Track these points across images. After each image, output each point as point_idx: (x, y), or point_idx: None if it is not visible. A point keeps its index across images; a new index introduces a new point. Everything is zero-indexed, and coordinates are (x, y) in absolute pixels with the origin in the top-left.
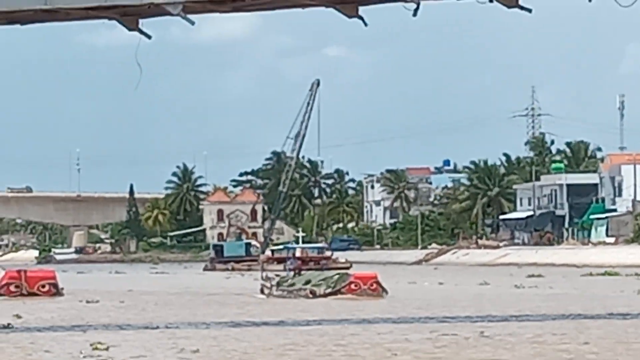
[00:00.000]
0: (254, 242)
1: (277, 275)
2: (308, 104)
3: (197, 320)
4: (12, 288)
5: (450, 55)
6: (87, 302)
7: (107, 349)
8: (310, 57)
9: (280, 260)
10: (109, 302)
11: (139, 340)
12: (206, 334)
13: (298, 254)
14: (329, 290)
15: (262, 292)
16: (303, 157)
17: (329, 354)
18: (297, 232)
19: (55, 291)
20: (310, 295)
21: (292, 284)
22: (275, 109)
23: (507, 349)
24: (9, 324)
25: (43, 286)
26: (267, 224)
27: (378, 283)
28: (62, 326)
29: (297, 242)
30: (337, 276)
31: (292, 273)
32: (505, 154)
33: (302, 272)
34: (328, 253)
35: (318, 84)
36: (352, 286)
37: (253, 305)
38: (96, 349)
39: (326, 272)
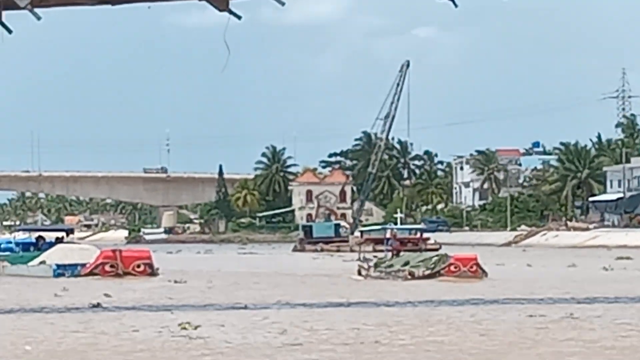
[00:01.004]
0: (343, 223)
1: (374, 257)
2: (398, 85)
3: (287, 301)
4: (107, 268)
5: (540, 37)
6: (176, 282)
7: (195, 328)
8: (400, 38)
9: (377, 242)
10: (197, 282)
11: (227, 320)
12: (296, 314)
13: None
14: (428, 271)
15: (359, 273)
16: (392, 138)
17: (413, 334)
18: (396, 212)
19: (151, 271)
20: (409, 277)
21: (390, 265)
22: (365, 90)
23: (595, 331)
24: (98, 304)
25: (138, 266)
26: (356, 205)
27: (478, 265)
28: (151, 306)
29: (396, 223)
30: (436, 257)
31: (389, 254)
32: (597, 136)
33: (401, 254)
34: (426, 235)
35: (408, 65)
36: (452, 268)
37: (344, 286)
38: (184, 328)
39: (425, 254)
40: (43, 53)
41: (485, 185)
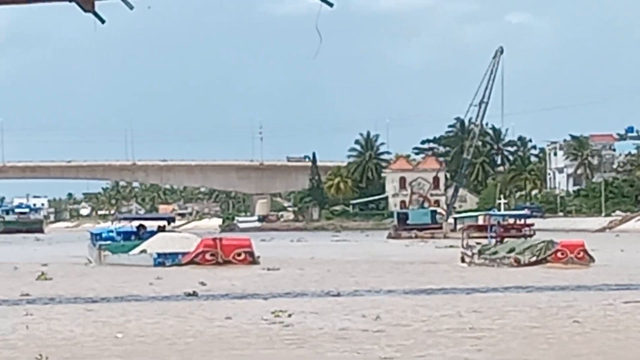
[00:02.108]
0: (439, 210)
1: (477, 244)
2: (491, 71)
3: (381, 288)
4: (207, 256)
5: (635, 19)
6: (268, 269)
7: (289, 315)
8: (492, 23)
9: (480, 228)
10: (290, 270)
11: (320, 308)
12: (392, 301)
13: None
14: (534, 258)
15: (462, 260)
16: (487, 124)
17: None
18: (499, 199)
19: (252, 259)
20: (515, 264)
21: (495, 252)
22: (457, 76)
23: None
24: (194, 292)
25: (239, 254)
26: (450, 192)
27: (585, 251)
28: (244, 293)
29: (499, 209)
30: (542, 244)
31: (493, 241)
32: None
33: (505, 240)
34: (530, 221)
35: (502, 52)
36: (559, 254)
37: (441, 273)
38: (277, 315)
39: (530, 240)
40: (136, 42)
41: (579, 171)
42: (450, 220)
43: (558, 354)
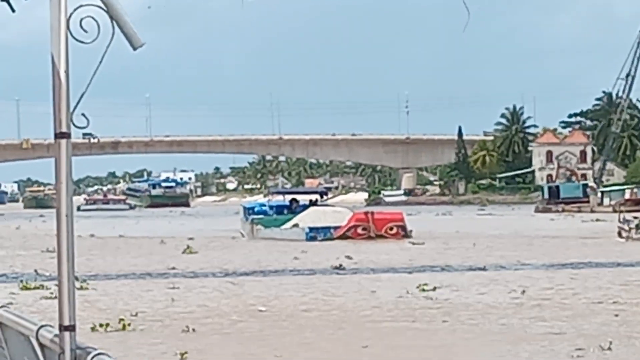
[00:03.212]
0: (590, 184)
1: (634, 218)
2: (638, 44)
3: (529, 262)
4: (359, 230)
5: None
6: (413, 244)
7: (434, 289)
8: None
9: (638, 202)
10: (434, 244)
11: (465, 282)
12: (540, 275)
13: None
14: None
15: (619, 235)
16: (638, 99)
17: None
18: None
19: (404, 234)
20: None
21: None
22: (605, 49)
23: None
24: (340, 265)
25: (391, 229)
26: (597, 166)
27: None
28: (390, 267)
29: None
30: None
31: None
32: None
33: None
34: None
35: None
36: None
37: (598, 247)
38: (423, 290)
39: None
40: (280, 16)
41: None
42: (598, 194)
43: None
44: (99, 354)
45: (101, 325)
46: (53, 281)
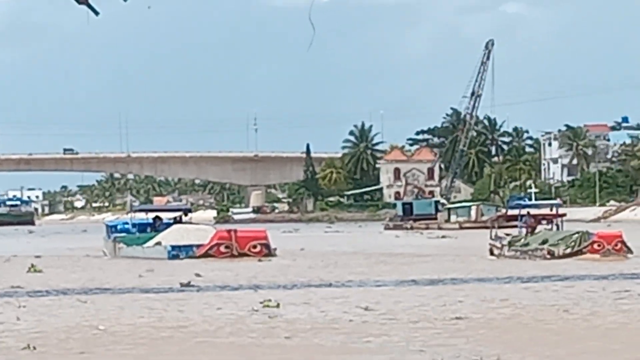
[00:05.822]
0: (442, 200)
1: (506, 235)
2: (482, 63)
3: (372, 279)
4: (222, 249)
5: (630, 11)
6: (259, 260)
7: (277, 306)
8: (489, 14)
9: (510, 219)
10: (282, 261)
11: (310, 298)
12: (381, 292)
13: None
14: (569, 250)
15: (491, 253)
16: (485, 117)
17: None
18: (530, 187)
19: (267, 252)
20: (548, 256)
21: (526, 244)
22: (453, 67)
23: None
24: (189, 282)
25: (254, 247)
26: (444, 183)
27: (623, 242)
28: (236, 285)
29: (530, 199)
30: (577, 235)
31: (524, 232)
32: None
33: (536, 231)
34: (562, 210)
35: (492, 44)
36: (595, 246)
37: (478, 265)
38: (266, 306)
39: (564, 231)
40: (129, 35)
41: (574, 161)
42: (445, 211)
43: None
44: None
45: None
46: None
